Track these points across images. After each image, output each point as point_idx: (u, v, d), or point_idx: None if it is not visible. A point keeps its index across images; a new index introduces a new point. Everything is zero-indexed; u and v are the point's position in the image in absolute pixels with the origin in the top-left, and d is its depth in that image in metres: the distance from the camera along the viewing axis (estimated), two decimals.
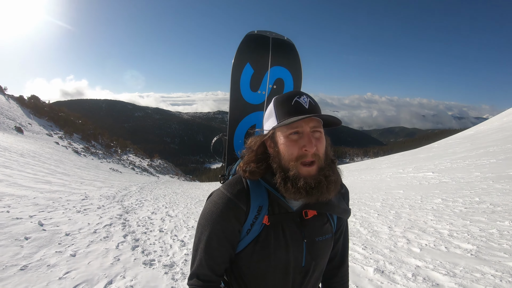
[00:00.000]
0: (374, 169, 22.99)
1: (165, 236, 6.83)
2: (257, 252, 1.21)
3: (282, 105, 1.21)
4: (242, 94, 2.24)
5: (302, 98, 1.19)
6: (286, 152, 1.16)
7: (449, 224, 6.17)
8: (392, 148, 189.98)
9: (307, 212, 1.26)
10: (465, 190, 9.56)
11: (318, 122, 1.16)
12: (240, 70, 2.21)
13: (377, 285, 3.88)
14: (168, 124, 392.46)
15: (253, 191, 1.24)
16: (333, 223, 1.38)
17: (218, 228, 1.20)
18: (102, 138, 56.09)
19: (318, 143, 1.14)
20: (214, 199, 1.26)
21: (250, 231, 1.21)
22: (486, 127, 37.95)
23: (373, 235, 6.07)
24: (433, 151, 27.35)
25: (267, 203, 1.23)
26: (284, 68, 2.29)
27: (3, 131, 26.62)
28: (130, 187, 18.07)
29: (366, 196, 11.35)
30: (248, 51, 2.21)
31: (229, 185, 1.27)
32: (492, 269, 3.98)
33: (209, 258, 1.21)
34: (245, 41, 2.21)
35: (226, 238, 1.21)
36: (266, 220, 1.21)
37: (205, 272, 1.22)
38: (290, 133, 1.15)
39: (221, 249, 1.21)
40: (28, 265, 4.14)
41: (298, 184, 1.11)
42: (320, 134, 1.17)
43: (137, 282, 4.16)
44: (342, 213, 1.34)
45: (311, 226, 1.28)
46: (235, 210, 1.20)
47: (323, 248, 1.31)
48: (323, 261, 1.34)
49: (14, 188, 8.64)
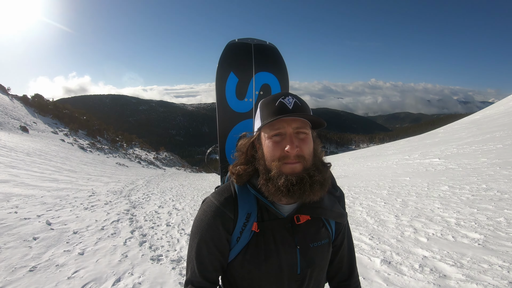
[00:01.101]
0: (380, 156, 22.90)
1: (172, 230, 6.87)
2: (248, 260, 1.20)
3: (267, 106, 1.19)
4: (229, 104, 2.21)
5: (287, 99, 1.16)
6: (268, 154, 1.14)
7: (456, 213, 6.14)
8: (398, 134, 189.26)
9: (299, 217, 1.23)
10: (472, 176, 9.49)
11: (302, 123, 1.13)
12: (224, 80, 2.19)
13: (384, 276, 3.87)
14: (173, 116, 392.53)
15: (241, 198, 1.23)
16: (331, 229, 1.34)
17: (207, 236, 1.20)
18: (108, 133, 56.31)
19: (302, 144, 1.11)
20: (204, 207, 1.27)
21: (240, 239, 1.21)
22: (492, 111, 37.59)
23: (380, 225, 6.06)
24: (439, 136, 27.18)
25: (255, 210, 1.22)
26: (269, 73, 2.26)
27: (9, 131, 26.80)
28: (137, 181, 18.20)
29: (372, 183, 11.32)
30: (230, 60, 2.20)
31: (217, 193, 1.27)
32: (499, 259, 3.95)
33: (200, 265, 1.21)
34: (227, 50, 2.20)
35: (215, 246, 1.20)
36: (255, 227, 1.20)
37: (198, 279, 1.22)
38: (272, 134, 1.13)
39: (211, 257, 1.21)
40: (37, 266, 4.19)
41: (279, 182, 1.09)
42: (306, 135, 1.14)
43: (145, 279, 4.19)
44: (337, 217, 1.30)
45: (304, 231, 1.25)
46: (222, 219, 1.20)
47: (319, 254, 1.27)
48: (320, 268, 1.31)
49: (22, 188, 8.73)
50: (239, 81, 2.21)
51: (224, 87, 2.20)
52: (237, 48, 2.22)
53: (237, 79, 2.20)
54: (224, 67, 2.19)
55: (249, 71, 2.21)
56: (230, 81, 2.20)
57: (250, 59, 2.21)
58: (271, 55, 2.29)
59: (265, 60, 2.25)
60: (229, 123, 2.22)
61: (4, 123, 29.54)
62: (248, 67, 2.21)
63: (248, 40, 2.24)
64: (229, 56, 2.20)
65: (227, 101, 2.21)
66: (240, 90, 2.22)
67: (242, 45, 2.23)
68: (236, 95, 2.22)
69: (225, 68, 2.19)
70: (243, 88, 2.22)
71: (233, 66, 2.20)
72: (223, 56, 2.20)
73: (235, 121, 2.22)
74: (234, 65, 2.20)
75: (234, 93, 2.21)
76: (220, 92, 2.20)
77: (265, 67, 2.25)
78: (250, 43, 2.24)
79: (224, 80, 2.19)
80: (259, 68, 2.23)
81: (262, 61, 2.24)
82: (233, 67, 2.20)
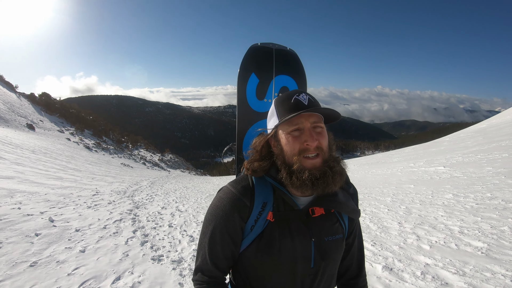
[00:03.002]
0: (385, 163, 22.79)
1: (175, 231, 6.87)
2: (261, 250, 1.20)
3: (282, 104, 1.23)
4: (249, 103, 2.30)
5: (301, 96, 1.21)
6: (288, 148, 1.18)
7: (460, 221, 6.08)
8: (404, 142, 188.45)
9: (314, 210, 1.25)
10: (477, 185, 9.40)
11: (318, 118, 1.18)
12: (246, 80, 2.29)
13: (385, 283, 3.84)
14: (179, 118, 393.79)
15: (258, 187, 1.25)
16: (344, 224, 1.35)
17: (221, 222, 1.22)
18: (113, 133, 56.60)
19: (320, 137, 1.15)
20: (220, 194, 1.29)
21: (254, 227, 1.22)
22: (499, 120, 37.28)
23: (382, 231, 6.02)
24: (445, 145, 26.99)
25: (272, 200, 1.24)
26: (289, 77, 2.36)
27: (15, 129, 27.06)
28: (141, 182, 18.25)
29: (376, 190, 11.26)
30: (252, 62, 2.29)
31: (235, 182, 1.30)
32: (502, 268, 3.90)
33: (212, 252, 1.23)
34: (249, 52, 2.30)
35: (228, 233, 1.22)
36: (270, 216, 1.22)
37: (208, 267, 1.23)
38: (291, 130, 1.17)
39: (223, 244, 1.22)
40: (37, 262, 4.20)
41: (303, 176, 1.12)
42: (322, 129, 1.19)
43: (145, 278, 4.18)
44: (351, 212, 1.32)
45: (319, 224, 1.26)
46: (238, 206, 1.22)
47: (333, 248, 1.27)
48: (334, 263, 1.31)
49: (26, 185, 8.79)
50: (260, 82, 2.31)
51: (245, 87, 2.29)
52: (259, 51, 2.32)
53: (258, 80, 2.30)
54: (246, 68, 2.29)
55: (269, 73, 2.31)
56: (251, 81, 2.29)
57: (271, 62, 2.31)
58: (291, 60, 2.40)
59: (285, 64, 2.36)
60: (249, 121, 2.30)
61: (11, 120, 29.83)
62: (268, 69, 2.31)
63: (270, 45, 2.35)
64: (251, 58, 2.30)
65: (248, 101, 2.30)
66: (260, 91, 2.31)
67: (264, 49, 2.33)
68: (256, 95, 2.31)
69: (247, 69, 2.29)
70: (263, 89, 2.32)
71: (255, 67, 2.30)
72: (246, 58, 2.29)
73: (254, 120, 2.30)
74: (255, 67, 2.30)
75: (254, 93, 2.31)
76: (241, 91, 2.29)
77: (285, 70, 2.35)
78: (272, 48, 2.34)
79: (246, 80, 2.29)
80: (279, 71, 2.33)
81: (282, 65, 2.34)
82: (254, 68, 2.29)
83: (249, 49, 2.30)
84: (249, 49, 2.30)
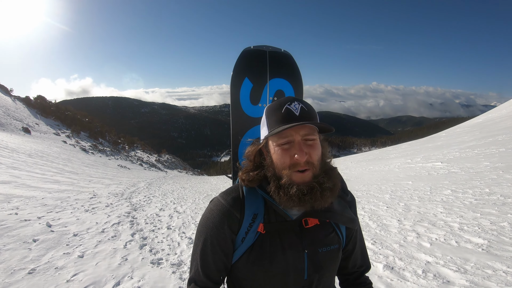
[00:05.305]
0: (382, 160, 22.82)
1: (173, 234, 6.83)
2: (252, 262, 1.18)
3: (273, 114, 1.18)
4: (243, 108, 2.25)
5: (293, 105, 1.15)
6: (278, 161, 1.14)
7: (459, 217, 6.08)
8: (400, 138, 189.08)
9: (307, 220, 1.21)
10: (475, 180, 9.43)
11: (310, 129, 1.12)
12: (239, 85, 2.24)
13: (386, 282, 3.82)
14: (175, 119, 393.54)
15: (248, 199, 1.23)
16: (341, 234, 1.31)
17: (212, 235, 1.21)
18: (109, 135, 56.44)
19: (311, 150, 1.10)
20: (211, 206, 1.27)
21: (245, 239, 1.20)
22: (495, 115, 37.46)
23: (382, 229, 6.01)
24: (441, 140, 27.08)
25: (262, 211, 1.21)
26: (284, 80, 2.30)
27: (11, 132, 26.90)
28: (139, 183, 18.19)
29: (374, 187, 11.27)
30: (245, 66, 2.24)
31: (225, 193, 1.28)
32: (503, 265, 3.90)
33: (204, 264, 1.22)
34: (242, 56, 2.25)
35: (219, 245, 1.20)
36: (261, 228, 1.19)
37: (201, 278, 1.22)
38: (281, 142, 1.12)
39: (215, 256, 1.21)
40: (36, 268, 4.15)
41: (290, 191, 1.09)
42: (313, 141, 1.13)
43: (145, 283, 4.14)
44: (347, 222, 1.28)
45: (313, 235, 1.22)
46: (229, 218, 1.20)
47: (328, 259, 1.24)
48: (329, 274, 1.28)
49: (23, 189, 8.72)
50: (254, 86, 2.26)
51: (238, 92, 2.24)
52: (252, 54, 2.27)
53: (252, 84, 2.25)
54: (239, 73, 2.24)
55: (263, 77, 2.26)
56: (245, 86, 2.24)
57: (264, 65, 2.26)
58: (286, 62, 2.33)
59: (280, 67, 2.30)
60: (243, 127, 2.26)
61: (7, 124, 29.66)
62: (262, 73, 2.25)
63: (263, 47, 2.28)
64: (244, 62, 2.25)
65: (241, 106, 2.25)
66: (254, 95, 2.26)
67: (257, 52, 2.27)
68: (250, 100, 2.26)
69: (240, 74, 2.24)
70: (257, 94, 2.27)
71: (248, 71, 2.24)
72: (239, 62, 2.24)
73: (249, 126, 2.26)
74: (249, 71, 2.24)
75: (248, 98, 2.26)
76: (234, 97, 2.24)
77: (279, 73, 2.30)
78: (265, 50, 2.28)
79: (239, 85, 2.24)
80: (274, 75, 2.27)
81: (276, 68, 2.29)
82: (248, 73, 2.24)
83: (241, 53, 2.26)
84: (241, 53, 2.26)
